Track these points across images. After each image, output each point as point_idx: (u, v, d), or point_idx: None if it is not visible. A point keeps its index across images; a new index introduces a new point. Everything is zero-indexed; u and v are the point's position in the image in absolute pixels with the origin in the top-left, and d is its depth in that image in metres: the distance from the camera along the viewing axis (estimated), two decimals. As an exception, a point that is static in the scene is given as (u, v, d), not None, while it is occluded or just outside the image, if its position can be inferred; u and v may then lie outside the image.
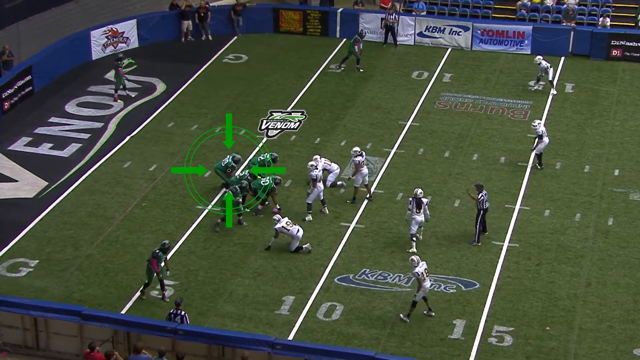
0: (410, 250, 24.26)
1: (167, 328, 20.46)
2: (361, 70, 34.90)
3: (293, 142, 30.14)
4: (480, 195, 24.52)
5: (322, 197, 25.92)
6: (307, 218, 25.67)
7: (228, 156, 27.26)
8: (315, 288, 23.22)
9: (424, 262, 22.00)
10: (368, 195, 26.81)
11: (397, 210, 26.22)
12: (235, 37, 38.27)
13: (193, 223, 25.91)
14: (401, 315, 21.94)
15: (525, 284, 23.24)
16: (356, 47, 34.73)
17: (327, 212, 26.08)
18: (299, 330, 21.80)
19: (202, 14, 37.65)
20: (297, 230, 24.33)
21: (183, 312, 20.97)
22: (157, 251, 22.69)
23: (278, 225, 24.30)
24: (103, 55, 36.27)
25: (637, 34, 35.68)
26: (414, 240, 24.50)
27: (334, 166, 27.32)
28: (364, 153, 26.70)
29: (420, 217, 24.46)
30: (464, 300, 22.63)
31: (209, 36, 37.94)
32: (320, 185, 25.78)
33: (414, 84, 34.21)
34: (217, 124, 31.15)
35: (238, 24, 38.38)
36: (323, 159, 27.19)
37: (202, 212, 26.32)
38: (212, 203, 26.59)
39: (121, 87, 32.79)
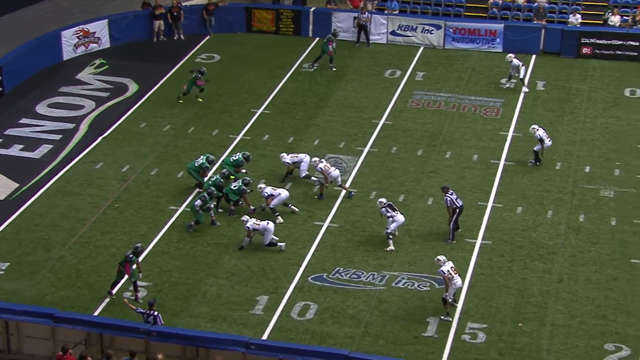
0: (387, 249, 24.34)
1: (140, 329, 20.36)
2: (334, 69, 34.95)
3: (266, 142, 30.13)
4: (446, 196, 24.63)
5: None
6: (277, 221, 25.59)
7: (202, 156, 27.20)
8: (289, 287, 23.22)
9: (450, 262, 22.12)
10: (347, 194, 26.89)
11: (370, 209, 26.27)
12: (208, 37, 38.18)
13: (166, 224, 25.83)
14: (441, 317, 21.94)
15: (498, 281, 23.38)
16: (330, 46, 34.78)
17: (297, 210, 26.14)
18: (273, 329, 21.79)
19: (175, 14, 37.53)
20: (267, 223, 24.38)
21: (156, 313, 20.90)
22: (130, 255, 22.60)
23: (248, 224, 24.31)
24: (74, 56, 36.08)
25: (607, 32, 35.97)
26: (390, 238, 24.56)
27: (301, 156, 27.49)
28: (323, 160, 26.84)
29: (401, 217, 24.53)
30: (438, 298, 22.69)
31: (182, 36, 37.82)
32: (281, 194, 25.81)
33: (387, 82, 34.30)
34: (190, 124, 31.08)
35: (210, 24, 38.30)
36: (290, 155, 27.49)
37: (175, 213, 26.24)
38: (184, 204, 26.55)
39: (183, 94, 32.43)
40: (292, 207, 26.14)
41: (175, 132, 30.72)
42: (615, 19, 36.92)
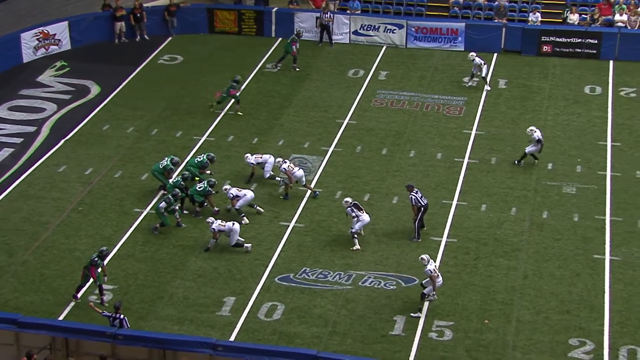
0: (354, 249, 24.37)
1: (106, 333, 20.17)
2: (297, 69, 34.93)
3: (230, 143, 30.03)
4: (410, 194, 24.73)
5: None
6: (243, 222, 25.51)
7: (166, 158, 27.05)
8: (256, 288, 23.17)
9: (432, 260, 22.23)
10: (312, 193, 26.90)
11: (336, 209, 26.30)
12: (170, 38, 37.98)
13: (131, 226, 25.65)
14: (411, 314, 21.97)
15: (464, 279, 23.52)
16: (293, 46, 34.75)
17: (262, 210, 26.09)
18: (240, 330, 21.73)
19: (137, 15, 37.27)
20: (232, 224, 24.32)
21: (122, 316, 20.75)
22: (95, 258, 22.42)
23: (214, 226, 24.23)
24: (34, 58, 35.69)
25: (567, 30, 36.34)
26: (355, 237, 24.60)
27: (265, 157, 27.47)
28: (286, 160, 26.81)
29: (366, 217, 24.58)
30: (404, 297, 22.80)
31: (145, 37, 37.58)
32: (247, 195, 25.67)
33: (350, 82, 34.36)
34: (153, 126, 30.88)
35: (172, 25, 38.10)
36: (255, 156, 27.44)
37: (140, 215, 26.06)
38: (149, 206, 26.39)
39: (217, 103, 31.86)
40: (258, 207, 26.09)
41: (138, 134, 30.51)
42: (574, 17, 37.34)
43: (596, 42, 35.77)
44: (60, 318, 21.98)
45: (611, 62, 35.38)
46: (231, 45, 37.56)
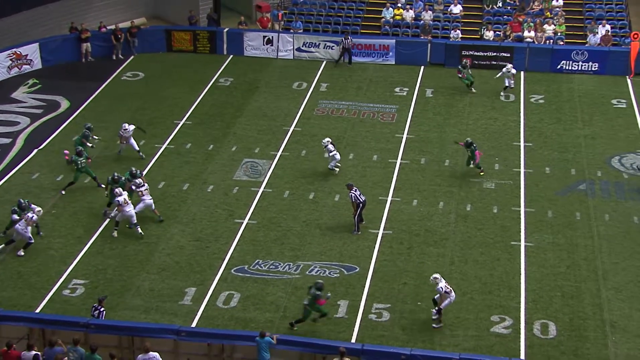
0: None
1: (79, 323, 19.91)
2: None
3: (189, 150, 29.80)
4: (350, 192, 24.81)
5: (134, 221, 24.55)
6: (113, 234, 24.71)
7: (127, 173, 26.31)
8: (215, 279, 23.03)
9: (443, 278, 21.31)
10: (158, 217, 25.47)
11: (284, 207, 26.26)
12: (132, 57, 37.55)
13: (100, 227, 25.29)
14: (433, 325, 21.19)
15: (399, 266, 23.65)
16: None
17: (141, 233, 24.58)
18: (201, 317, 21.58)
19: (118, 35, 36.94)
20: (130, 207, 24.42)
21: (103, 309, 20.53)
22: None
23: (119, 198, 24.20)
24: (8, 77, 35.02)
25: (483, 45, 36.75)
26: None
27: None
28: (138, 185, 25.26)
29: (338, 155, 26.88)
30: (347, 283, 22.86)
31: (121, 56, 37.17)
32: (128, 209, 24.50)
33: (295, 93, 34.34)
34: (118, 137, 30.45)
35: (134, 45, 37.69)
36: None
37: (109, 217, 25.71)
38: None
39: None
40: (139, 229, 24.57)
41: (105, 144, 30.07)
42: (489, 34, 37.82)
43: (509, 55, 36.22)
44: (37, 310, 21.60)
45: (522, 72, 35.84)
46: (187, 62, 37.27)
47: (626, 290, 22.57)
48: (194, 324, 21.29)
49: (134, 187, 25.28)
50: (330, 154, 27.80)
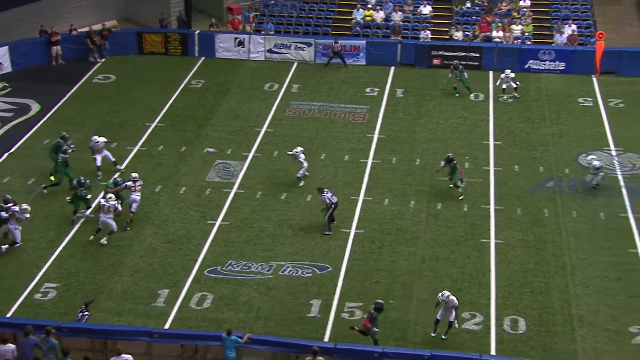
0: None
1: (52, 327, 19.73)
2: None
3: (161, 152, 29.69)
4: (322, 195, 24.84)
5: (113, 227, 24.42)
6: (102, 241, 24.55)
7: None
8: (187, 281, 22.98)
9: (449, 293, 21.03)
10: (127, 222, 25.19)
11: (257, 207, 26.26)
12: (103, 60, 37.33)
13: (72, 230, 25.13)
14: (442, 336, 20.87)
15: (371, 264, 23.75)
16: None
17: (105, 243, 24.38)
18: (174, 319, 21.53)
19: (93, 39, 36.83)
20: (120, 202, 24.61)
21: (87, 314, 20.48)
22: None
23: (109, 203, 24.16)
24: (-22, 80, 34.75)
25: (453, 45, 37.00)
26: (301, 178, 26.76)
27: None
28: (134, 180, 25.32)
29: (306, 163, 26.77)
30: (319, 282, 22.92)
31: (104, 57, 36.96)
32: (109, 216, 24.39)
33: (267, 94, 34.33)
34: (89, 140, 30.28)
35: (105, 47, 37.45)
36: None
37: (79, 220, 25.54)
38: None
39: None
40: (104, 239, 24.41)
41: (77, 147, 29.81)
42: (458, 34, 38.07)
43: (478, 55, 36.49)
44: (8, 315, 21.42)
45: (491, 72, 36.06)
46: (159, 64, 37.10)
47: (593, 285, 22.86)
48: (167, 326, 21.24)
49: (131, 183, 25.14)
50: (299, 160, 27.21)
